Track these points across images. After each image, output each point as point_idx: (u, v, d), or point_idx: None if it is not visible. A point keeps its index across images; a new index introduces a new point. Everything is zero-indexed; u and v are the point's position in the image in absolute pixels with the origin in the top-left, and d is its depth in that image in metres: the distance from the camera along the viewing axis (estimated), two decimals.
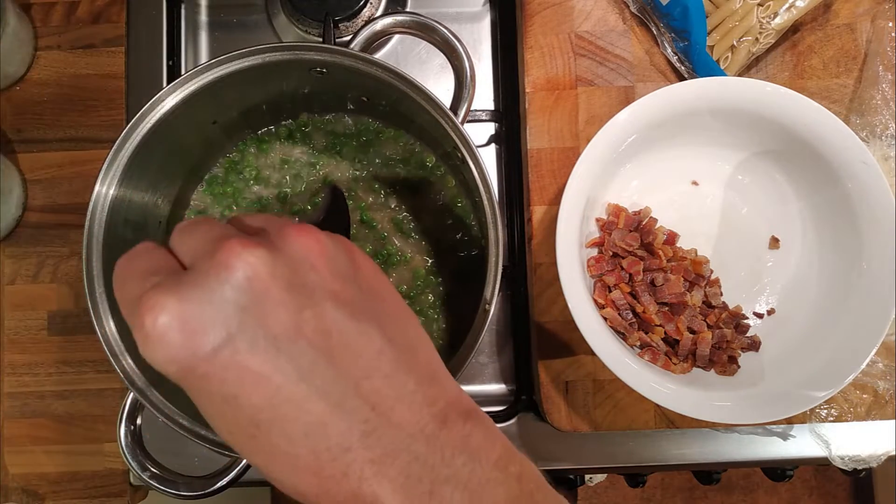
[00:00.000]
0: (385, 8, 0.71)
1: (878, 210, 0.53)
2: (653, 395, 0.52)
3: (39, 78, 0.71)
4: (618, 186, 0.59)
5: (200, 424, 0.51)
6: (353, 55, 0.53)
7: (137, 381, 0.51)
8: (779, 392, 0.53)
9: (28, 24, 0.70)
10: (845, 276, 0.55)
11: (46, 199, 0.70)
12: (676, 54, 0.62)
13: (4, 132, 0.70)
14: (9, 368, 0.68)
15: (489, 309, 0.51)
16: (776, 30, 0.60)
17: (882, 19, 0.63)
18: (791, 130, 0.55)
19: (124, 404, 0.53)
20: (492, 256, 0.51)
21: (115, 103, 0.70)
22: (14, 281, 0.69)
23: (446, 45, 0.56)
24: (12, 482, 0.67)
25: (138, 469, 0.52)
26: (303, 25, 0.70)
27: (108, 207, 0.53)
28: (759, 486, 1.52)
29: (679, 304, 0.56)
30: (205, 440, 0.51)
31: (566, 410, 0.61)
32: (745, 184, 0.60)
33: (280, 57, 0.53)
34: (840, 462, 0.62)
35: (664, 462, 0.64)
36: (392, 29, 0.56)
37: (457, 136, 0.53)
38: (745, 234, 0.60)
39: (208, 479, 0.52)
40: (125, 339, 0.52)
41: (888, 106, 0.61)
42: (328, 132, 0.64)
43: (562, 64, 0.63)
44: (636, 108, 0.54)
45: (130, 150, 0.53)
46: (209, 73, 0.53)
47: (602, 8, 0.64)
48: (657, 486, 1.53)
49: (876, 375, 0.60)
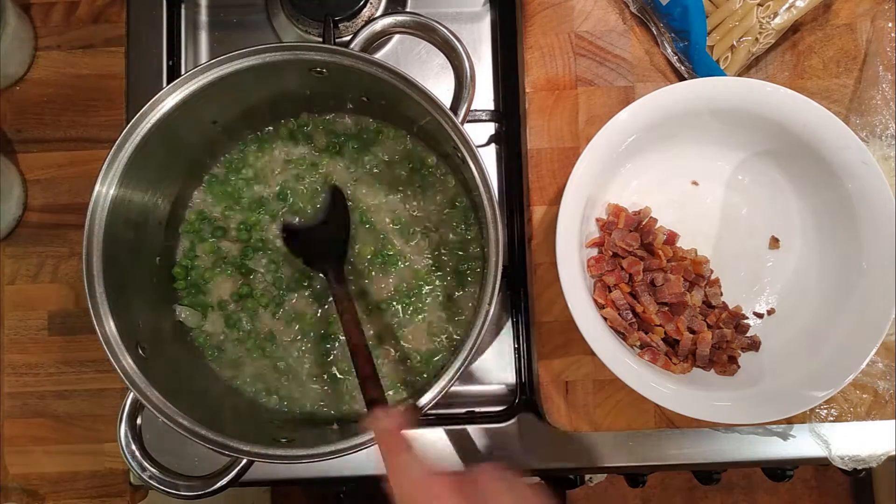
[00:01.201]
0: (385, 8, 0.71)
1: (878, 210, 0.53)
2: (653, 395, 0.52)
3: (39, 78, 0.71)
4: (618, 186, 0.59)
5: (200, 424, 0.51)
6: (353, 55, 0.53)
7: (137, 380, 0.51)
8: (779, 392, 0.53)
9: (28, 24, 0.70)
10: (845, 276, 0.55)
11: (46, 199, 0.70)
12: (676, 54, 0.62)
13: (4, 132, 0.70)
14: (9, 368, 0.68)
15: (489, 310, 0.51)
16: (776, 30, 0.60)
17: (882, 19, 0.63)
18: (791, 130, 0.55)
19: (124, 404, 0.53)
20: (492, 256, 0.51)
21: (115, 103, 0.70)
22: (14, 281, 0.69)
23: (446, 45, 0.56)
24: (12, 482, 0.67)
25: (138, 469, 0.52)
26: (303, 25, 0.70)
27: (109, 207, 0.53)
28: (759, 486, 1.52)
29: (679, 304, 0.56)
30: (205, 440, 0.51)
31: (566, 410, 0.61)
32: (745, 184, 0.60)
33: (280, 57, 0.53)
34: (840, 462, 0.62)
35: (664, 462, 0.64)
36: (392, 29, 0.56)
37: (457, 136, 0.53)
38: (745, 234, 0.60)
39: (208, 479, 0.53)
40: (125, 339, 0.52)
41: (888, 106, 0.61)
42: (328, 132, 0.64)
43: (562, 64, 0.63)
44: (636, 108, 0.54)
45: (130, 150, 0.53)
46: (209, 73, 0.53)
47: (602, 8, 0.64)
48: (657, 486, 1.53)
49: (876, 375, 0.60)
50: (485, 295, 0.51)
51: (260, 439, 0.52)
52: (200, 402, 0.57)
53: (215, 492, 0.53)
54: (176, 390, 0.53)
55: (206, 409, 0.55)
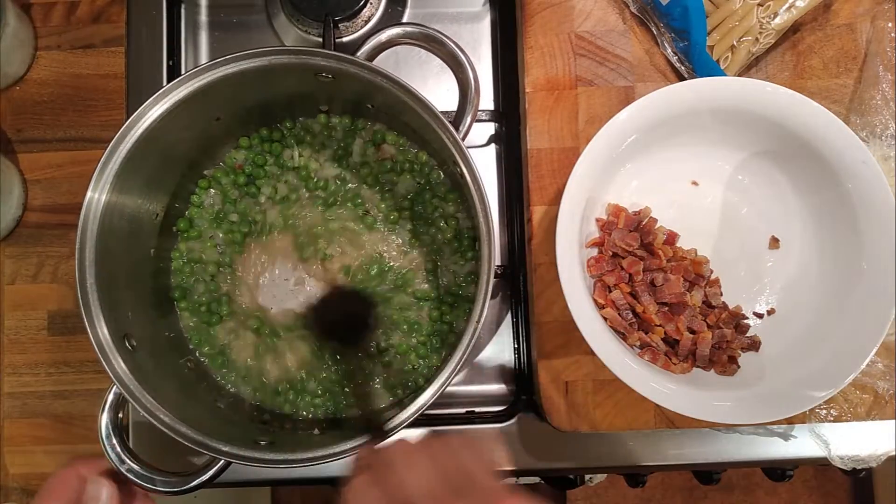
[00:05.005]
0: (385, 8, 0.71)
1: (878, 210, 0.53)
2: (653, 395, 0.52)
3: (39, 78, 0.71)
4: (618, 186, 0.59)
5: (181, 421, 0.52)
6: (359, 64, 0.53)
7: (126, 380, 0.52)
8: (779, 392, 0.53)
9: (28, 24, 0.70)
10: (845, 276, 0.55)
11: (46, 199, 0.70)
12: (676, 54, 0.62)
13: (4, 132, 0.70)
14: (9, 368, 0.68)
15: (478, 327, 0.51)
16: (776, 30, 0.60)
17: (882, 19, 0.63)
18: (791, 130, 0.55)
19: (106, 398, 0.53)
20: (483, 274, 0.51)
21: (115, 103, 0.70)
22: (14, 281, 0.69)
23: (452, 59, 0.56)
24: (12, 482, 0.67)
25: (116, 462, 0.52)
26: (303, 26, 0.70)
27: (102, 210, 0.53)
28: (759, 486, 1.52)
29: (679, 304, 0.56)
30: (184, 437, 0.52)
31: (566, 410, 0.61)
32: (745, 184, 0.60)
33: (287, 60, 0.53)
34: (840, 462, 0.62)
35: (664, 462, 0.64)
36: (399, 40, 0.56)
37: (457, 152, 0.53)
38: (745, 234, 0.60)
39: (185, 477, 0.53)
40: (114, 336, 0.52)
41: (888, 106, 0.61)
42: (330, 135, 0.64)
43: (562, 64, 0.63)
44: (636, 108, 0.54)
45: (124, 152, 0.53)
46: (210, 73, 0.53)
47: (602, 8, 0.64)
48: (657, 486, 1.53)
49: (876, 375, 0.60)
50: (474, 312, 0.51)
51: (241, 440, 0.52)
52: (187, 399, 0.57)
53: (192, 489, 0.53)
54: (161, 386, 0.54)
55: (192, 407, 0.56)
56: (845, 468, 0.62)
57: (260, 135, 0.64)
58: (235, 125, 0.62)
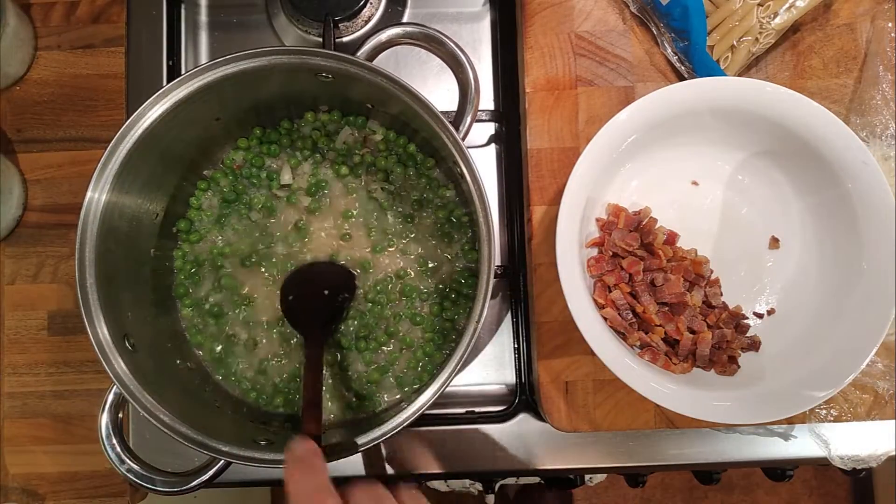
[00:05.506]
0: (385, 8, 0.71)
1: (878, 210, 0.53)
2: (653, 395, 0.52)
3: (39, 78, 0.71)
4: (618, 186, 0.59)
5: (181, 421, 0.52)
6: (359, 64, 0.53)
7: (126, 380, 0.52)
8: (779, 392, 0.53)
9: (28, 24, 0.70)
10: (845, 276, 0.55)
11: (46, 199, 0.70)
12: (676, 54, 0.62)
13: (4, 132, 0.70)
14: (9, 368, 0.68)
15: (478, 327, 0.51)
16: (776, 30, 0.60)
17: (882, 19, 0.63)
18: (791, 131, 0.55)
19: (106, 398, 0.53)
20: (483, 274, 0.51)
21: (115, 103, 0.70)
22: (14, 281, 0.69)
23: (453, 59, 0.56)
24: (12, 482, 0.67)
25: (116, 462, 0.52)
26: (303, 26, 0.70)
27: (102, 210, 0.53)
28: (759, 486, 1.52)
29: (679, 304, 0.56)
30: (184, 437, 0.51)
31: (566, 410, 0.61)
32: (745, 184, 0.60)
33: (287, 60, 0.53)
34: (840, 462, 0.62)
35: (664, 462, 0.64)
36: (399, 40, 0.56)
37: (457, 152, 0.53)
38: (745, 234, 0.60)
39: (185, 477, 0.53)
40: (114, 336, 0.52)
41: (888, 106, 0.61)
42: (330, 135, 0.64)
43: (562, 64, 0.63)
44: (636, 108, 0.54)
45: (124, 152, 0.53)
46: (210, 73, 0.53)
47: (602, 8, 0.64)
48: (657, 486, 1.53)
49: (876, 375, 0.60)
50: (474, 313, 0.51)
51: (241, 440, 0.52)
52: (187, 399, 0.57)
53: (192, 489, 0.53)
54: (162, 386, 0.54)
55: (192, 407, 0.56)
56: (845, 468, 0.62)
57: (258, 136, 0.64)
58: (235, 126, 0.62)
